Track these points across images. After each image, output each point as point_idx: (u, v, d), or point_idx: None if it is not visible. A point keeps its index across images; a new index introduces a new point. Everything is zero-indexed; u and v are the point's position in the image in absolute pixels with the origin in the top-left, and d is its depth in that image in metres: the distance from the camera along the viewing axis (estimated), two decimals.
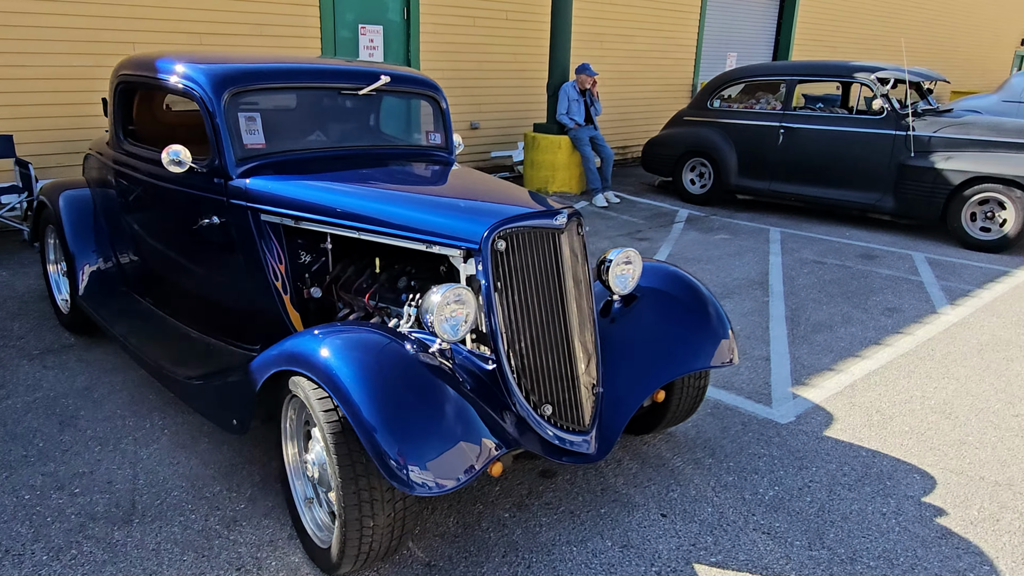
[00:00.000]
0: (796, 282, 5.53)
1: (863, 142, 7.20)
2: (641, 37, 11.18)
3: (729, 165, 8.13)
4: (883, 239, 6.98)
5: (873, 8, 16.33)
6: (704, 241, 6.77)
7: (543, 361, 2.39)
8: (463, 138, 9.26)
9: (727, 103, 8.40)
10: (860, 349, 4.20)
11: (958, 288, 5.42)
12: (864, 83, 7.21)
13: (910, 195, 6.91)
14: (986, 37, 22.26)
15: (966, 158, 6.58)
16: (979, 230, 6.60)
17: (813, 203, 7.64)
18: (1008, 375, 3.87)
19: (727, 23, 12.95)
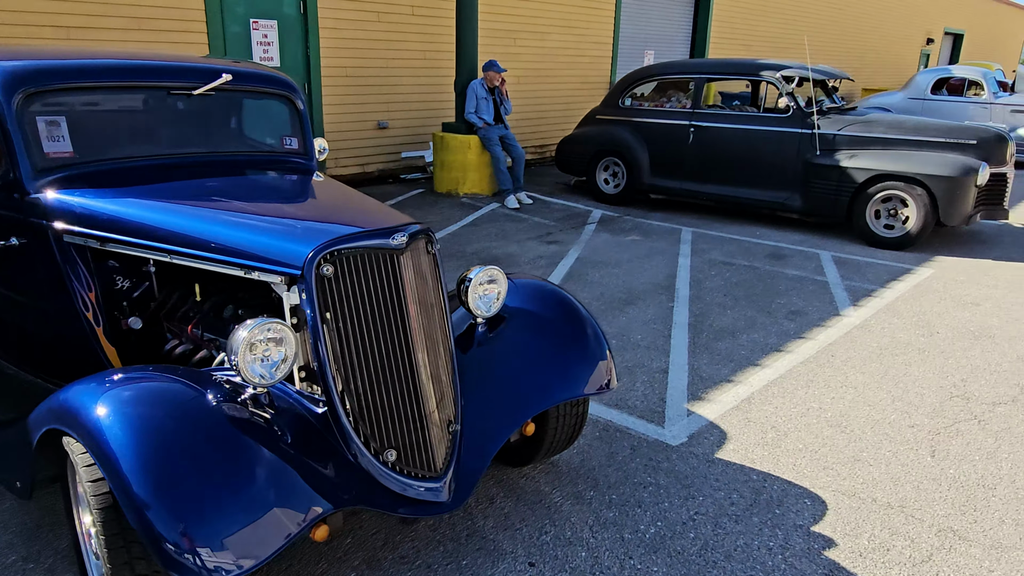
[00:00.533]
0: (703, 285, 5.38)
1: (771, 141, 7.15)
2: (555, 34, 10.98)
3: (641, 164, 7.98)
4: (793, 238, 6.94)
5: (787, 7, 16.61)
6: (615, 243, 6.58)
7: (385, 400, 2.08)
8: (371, 137, 8.87)
9: (638, 101, 8.26)
10: (761, 357, 4.04)
11: (861, 288, 5.37)
12: (770, 81, 7.16)
13: (817, 193, 6.89)
14: (895, 37, 23.04)
15: (869, 156, 6.58)
16: (883, 228, 6.61)
17: (725, 202, 7.57)
18: (906, 381, 3.76)
19: (643, 20, 12.89)
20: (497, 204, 8.03)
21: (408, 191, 8.61)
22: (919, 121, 6.76)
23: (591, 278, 5.50)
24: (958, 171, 6.14)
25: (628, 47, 12.68)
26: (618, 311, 4.77)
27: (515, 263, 5.85)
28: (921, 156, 6.37)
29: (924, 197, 6.29)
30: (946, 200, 6.20)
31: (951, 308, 4.96)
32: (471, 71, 8.04)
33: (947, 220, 6.26)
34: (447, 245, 6.35)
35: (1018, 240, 7.00)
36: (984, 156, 6.41)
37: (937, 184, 6.20)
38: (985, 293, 5.30)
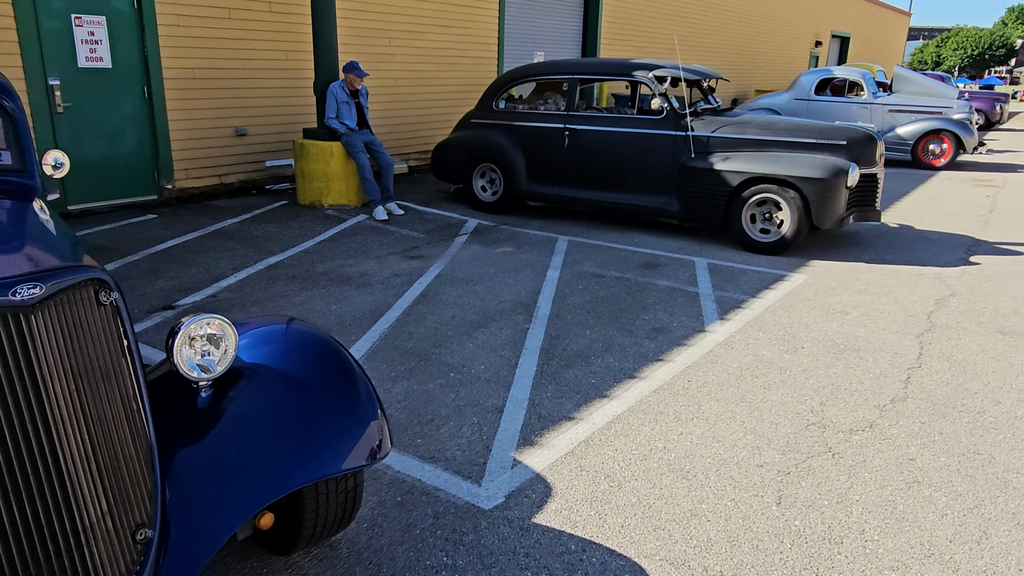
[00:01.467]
0: (567, 301, 4.97)
1: (645, 144, 6.85)
2: (433, 34, 10.47)
3: (518, 171, 7.56)
4: (670, 244, 6.65)
5: (677, 8, 16.65)
6: (484, 256, 6.11)
7: (13, 511, 1.51)
8: (229, 145, 8.12)
9: (512, 104, 7.84)
10: (611, 386, 3.64)
11: (732, 299, 5.08)
12: (642, 81, 6.86)
13: (693, 198, 6.62)
14: (785, 39, 23.66)
15: (742, 158, 6.35)
16: (759, 232, 6.40)
17: (603, 208, 7.23)
18: (762, 408, 3.42)
19: (530, 20, 12.55)
20: (365, 216, 7.45)
21: (270, 203, 7.92)
22: (791, 122, 6.59)
23: (447, 297, 5.00)
24: (828, 173, 5.98)
25: (515, 48, 12.31)
26: (466, 337, 4.28)
27: (367, 282, 5.30)
28: (792, 158, 6.19)
29: (797, 200, 6.10)
30: (818, 203, 6.02)
31: (819, 318, 4.71)
32: (331, 72, 7.43)
33: (820, 223, 6.08)
34: (296, 264, 5.73)
35: (891, 241, 6.93)
36: (854, 157, 6.28)
37: (808, 186, 6.01)
38: (855, 300, 5.10)
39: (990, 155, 14.41)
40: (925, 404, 3.48)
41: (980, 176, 11.50)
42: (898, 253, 6.44)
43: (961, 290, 5.36)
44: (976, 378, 3.80)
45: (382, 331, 4.35)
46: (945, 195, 9.61)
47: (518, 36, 12.31)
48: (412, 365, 3.86)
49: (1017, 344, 4.29)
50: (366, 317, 4.59)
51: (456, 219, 7.53)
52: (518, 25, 12.25)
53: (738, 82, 20.81)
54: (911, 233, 7.26)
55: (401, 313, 4.68)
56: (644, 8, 15.39)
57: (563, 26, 13.51)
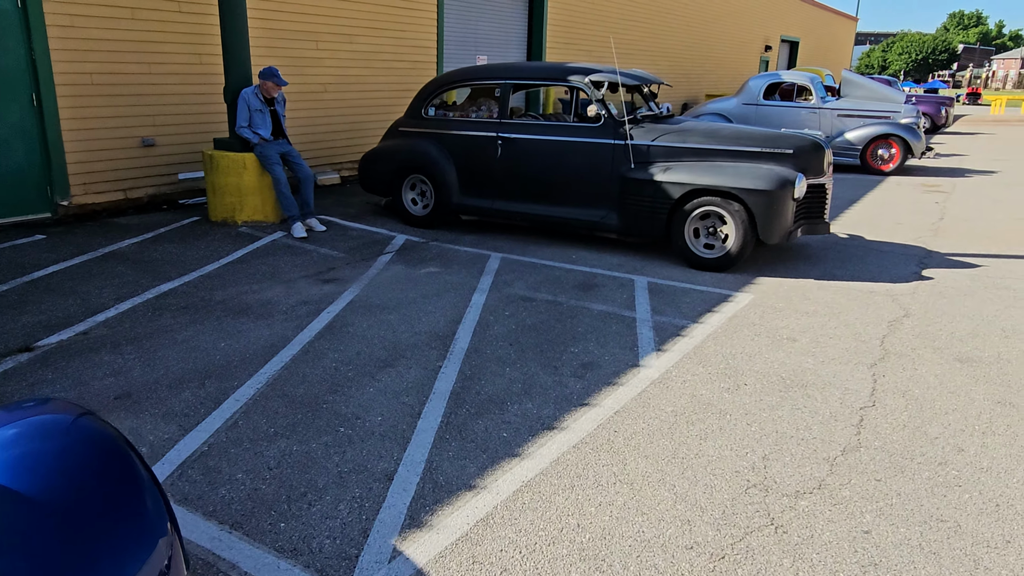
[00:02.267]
0: (489, 331, 4.46)
1: (583, 153, 6.39)
2: (366, 36, 9.90)
3: (449, 183, 7.05)
4: (610, 261, 6.20)
5: (625, 11, 16.34)
6: (406, 278, 5.58)
7: None
8: (135, 157, 7.44)
9: (443, 111, 7.32)
10: (525, 441, 3.14)
11: (671, 325, 4.63)
12: (578, 87, 6.41)
13: (633, 211, 6.19)
14: (736, 43, 23.62)
15: (683, 169, 5.94)
16: (703, 247, 5.99)
17: (540, 223, 6.75)
18: (696, 466, 2.96)
19: (472, 22, 12.06)
20: (283, 233, 6.85)
21: (180, 220, 7.26)
22: (735, 129, 6.21)
23: (355, 329, 4.45)
24: (774, 184, 5.59)
25: (456, 51, 11.80)
26: (368, 379, 3.75)
27: (268, 312, 4.72)
28: (736, 168, 5.79)
29: (742, 213, 5.70)
30: (763, 216, 5.63)
31: (765, 347, 4.28)
32: (243, 77, 6.82)
33: (766, 238, 5.69)
34: (192, 291, 5.12)
35: (842, 254, 6.59)
36: (801, 166, 5.91)
37: (753, 199, 5.62)
38: (803, 324, 4.70)
39: (938, 159, 14.37)
40: (880, 455, 3.05)
41: (929, 181, 11.36)
42: (848, 268, 6.08)
43: (915, 310, 5.00)
44: (935, 418, 3.39)
45: (271, 374, 3.79)
46: (895, 201, 9.38)
47: (459, 39, 11.81)
48: (297, 418, 3.31)
49: (976, 374, 3.92)
50: (257, 356, 4.02)
51: (383, 235, 6.98)
52: (458, 27, 11.75)
53: (688, 87, 20.64)
54: (861, 245, 6.94)
55: (299, 350, 4.12)
56: (591, 11, 15.03)
57: (507, 29, 13.05)
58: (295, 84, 9.03)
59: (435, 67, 11.19)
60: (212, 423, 3.25)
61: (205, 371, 3.82)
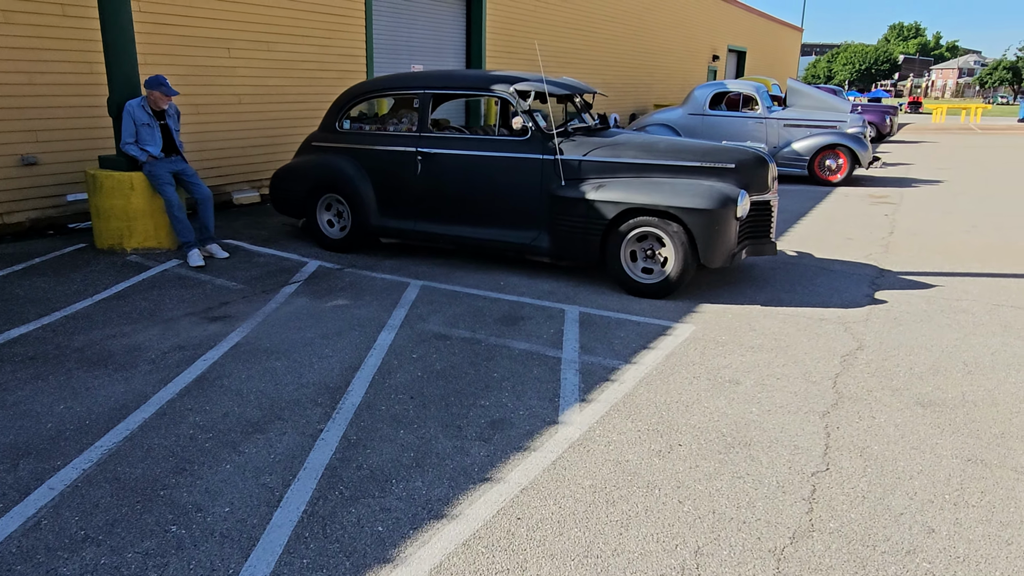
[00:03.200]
0: (390, 380, 3.84)
1: (509, 169, 5.82)
2: (287, 44, 9.21)
3: (367, 202, 6.40)
4: (541, 288, 5.63)
5: (569, 19, 15.91)
6: (309, 313, 4.92)
7: None
8: (14, 177, 6.62)
9: (359, 123, 6.68)
10: (404, 537, 2.52)
11: (600, 367, 4.06)
12: (501, 96, 5.84)
13: (565, 232, 5.63)
14: (683, 53, 23.45)
15: (618, 186, 5.40)
16: (641, 272, 5.45)
17: (465, 246, 6.14)
18: (612, 568, 2.37)
19: (404, 29, 11.45)
20: (178, 262, 6.12)
21: (63, 247, 6.46)
22: (673, 143, 5.70)
23: (231, 382, 3.78)
24: (714, 202, 5.08)
25: (388, 60, 11.17)
26: (229, 450, 3.08)
27: (132, 362, 4.01)
28: (674, 185, 5.27)
29: (681, 234, 5.18)
30: (704, 237, 5.12)
31: (705, 392, 3.74)
32: (129, 88, 6.08)
33: (708, 261, 5.18)
34: (49, 335, 4.38)
35: (790, 275, 6.13)
36: (744, 182, 5.43)
37: (692, 219, 5.11)
38: (748, 361, 4.17)
39: (884, 168, 14.23)
40: (836, 541, 2.51)
41: (877, 192, 11.10)
42: (797, 291, 5.62)
43: (869, 340, 4.53)
44: (899, 485, 2.87)
45: (108, 448, 3.09)
46: (843, 215, 9.04)
47: (390, 46, 11.18)
48: (121, 513, 2.63)
49: (940, 422, 3.43)
50: (98, 422, 3.32)
51: (293, 262, 6.30)
52: (390, 35, 11.12)
53: (637, 96, 20.34)
54: (811, 264, 6.50)
55: (153, 413, 3.43)
56: (533, 18, 14.55)
57: (444, 36, 12.47)
58: (205, 95, 8.29)
59: (364, 76, 10.54)
60: (6, 525, 2.55)
61: (25, 446, 3.10)
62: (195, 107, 8.21)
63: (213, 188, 8.52)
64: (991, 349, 4.39)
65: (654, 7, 20.69)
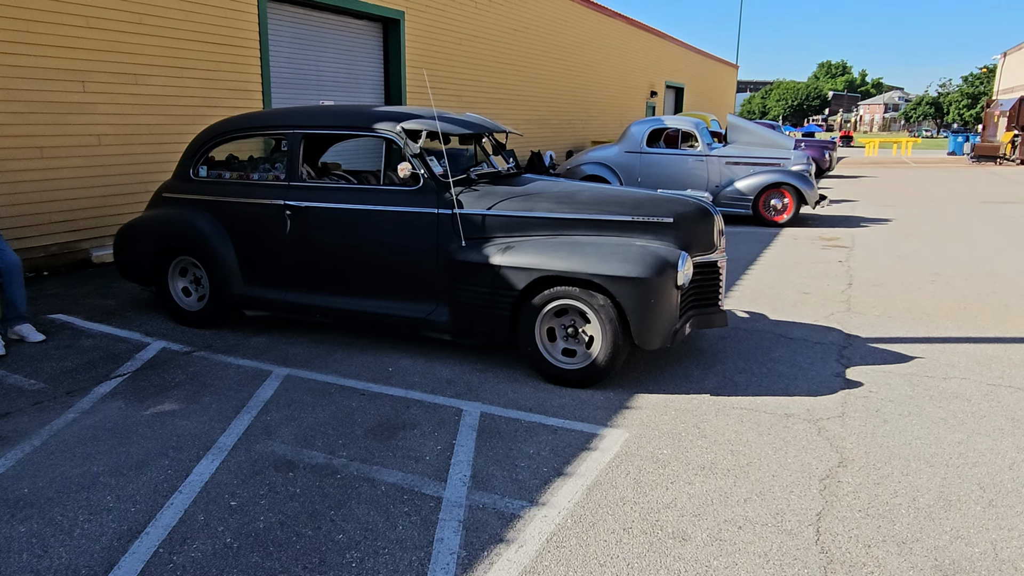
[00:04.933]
0: (184, 553, 2.59)
1: (397, 226, 4.68)
2: (161, 77, 7.95)
3: (227, 266, 5.16)
4: (439, 376, 4.46)
5: (497, 54, 15.02)
6: (114, 429, 3.63)
7: None
8: None
9: (218, 170, 5.46)
10: None
11: (494, 516, 2.89)
12: (387, 137, 4.72)
13: (467, 305, 4.49)
14: (620, 89, 22.92)
15: (529, 247, 4.30)
16: (562, 355, 4.34)
17: (350, 321, 4.94)
18: None
19: (310, 63, 10.30)
20: None
21: None
22: (599, 192, 4.66)
23: None
24: (648, 268, 4.02)
25: (291, 95, 9.99)
26: None
27: None
28: (598, 247, 4.20)
29: (609, 308, 4.09)
30: (637, 313, 4.04)
31: (636, 562, 2.60)
32: None
33: (643, 341, 4.10)
34: None
35: (743, 347, 5.11)
36: (685, 240, 4.40)
37: (622, 289, 4.02)
38: (699, 495, 3.07)
39: (830, 206, 13.61)
40: None
41: (826, 233, 10.34)
42: (754, 371, 4.57)
43: (851, 450, 3.48)
44: None
45: None
46: (795, 261, 8.16)
47: (294, 80, 10.01)
48: None
49: None
50: None
51: (131, 343, 4.99)
52: (291, 68, 9.96)
53: (574, 133, 19.58)
54: (766, 329, 5.51)
55: None
56: (457, 51, 13.59)
57: (359, 70, 11.37)
58: (53, 135, 6.96)
59: None
60: None
61: None
62: (38, 149, 6.86)
63: (64, 244, 7.15)
64: (1007, 461, 3.39)
65: (590, 43, 20.10)
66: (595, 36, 20.45)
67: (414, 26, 12.14)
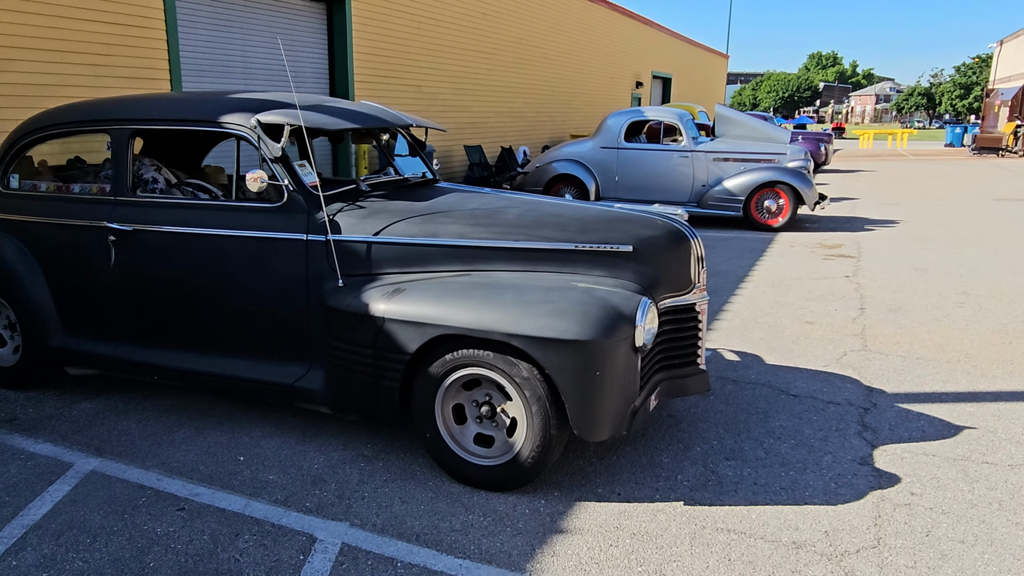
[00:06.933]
0: None
1: (256, 257, 3.37)
2: (30, 63, 6.60)
3: (41, 309, 3.85)
4: (308, 467, 3.18)
5: (465, 41, 13.67)
6: None
7: None
8: None
9: (33, 179, 4.13)
10: None
11: None
12: (238, 134, 3.40)
13: (344, 369, 3.19)
14: (604, 80, 21.60)
15: (426, 292, 3.00)
16: (474, 442, 3.05)
17: (198, 385, 3.63)
18: None
19: (236, 47, 8.94)
20: None
21: None
22: (533, 208, 3.36)
23: None
24: (591, 326, 2.72)
25: (212, 85, 8.64)
26: None
27: None
28: (520, 292, 2.90)
29: (536, 383, 2.80)
30: (575, 392, 2.75)
31: None
32: None
33: (585, 432, 2.81)
34: None
35: (730, 413, 3.84)
36: (649, 277, 3.11)
37: (552, 357, 2.73)
38: None
39: (831, 205, 12.35)
40: None
41: (828, 239, 9.08)
42: (747, 456, 3.30)
43: None
44: None
45: None
46: (794, 276, 6.90)
47: (214, 69, 8.66)
48: None
49: None
50: None
51: None
52: (211, 54, 8.61)
53: (553, 127, 18.26)
54: (762, 381, 4.23)
55: None
56: (416, 37, 12.24)
57: (297, 58, 10.02)
58: None
59: None
60: None
61: None
62: None
63: None
64: None
65: (570, 30, 18.76)
66: (576, 22, 19.12)
67: (363, 7, 10.79)
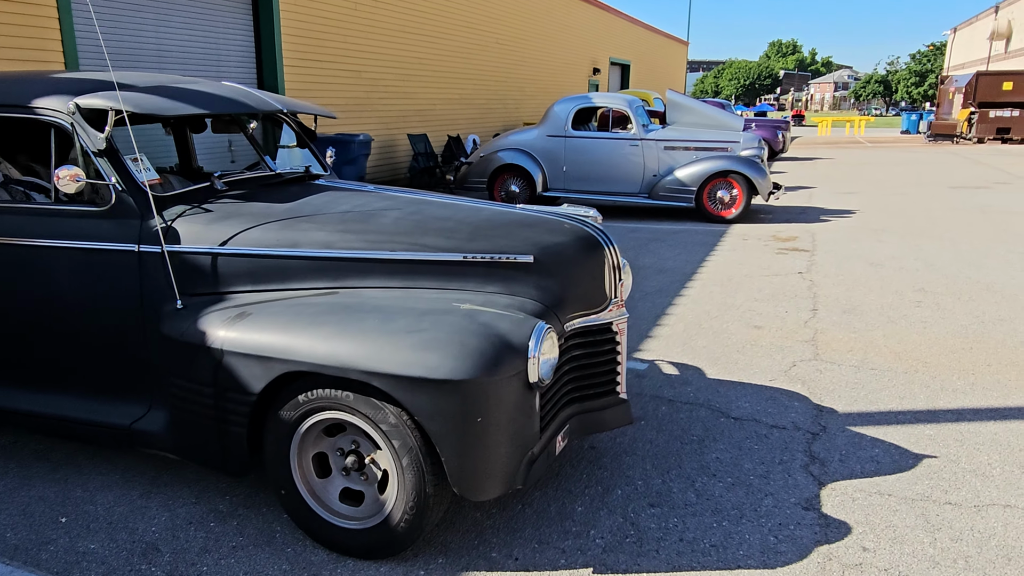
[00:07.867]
0: None
1: (80, 272, 2.76)
2: None
3: None
4: (143, 528, 2.60)
5: (407, 24, 12.98)
6: None
7: None
8: None
9: None
10: None
11: None
12: (53, 121, 2.78)
13: (184, 408, 2.60)
14: (559, 66, 21.05)
15: (275, 316, 2.43)
16: (340, 499, 2.49)
17: (21, 425, 3.01)
18: None
19: (146, 31, 8.18)
20: None
21: None
22: (418, 211, 2.80)
23: None
24: (468, 361, 2.17)
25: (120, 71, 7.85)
26: None
27: None
28: (387, 317, 2.34)
29: (406, 431, 2.25)
30: (451, 442, 2.20)
31: None
32: None
33: (466, 490, 2.27)
34: None
35: (659, 444, 3.35)
36: (554, 294, 2.57)
37: (421, 401, 2.18)
38: None
39: (786, 194, 12.00)
40: None
41: (782, 232, 8.68)
42: (675, 502, 2.79)
43: None
44: None
45: None
46: (744, 273, 6.45)
47: (120, 55, 7.90)
48: None
49: None
50: None
51: None
52: (116, 37, 7.84)
53: (506, 114, 17.67)
54: (700, 400, 3.74)
55: None
56: (353, 19, 11.53)
57: (219, 42, 9.27)
58: None
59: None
60: None
61: None
62: None
63: None
64: None
65: (524, 14, 18.15)
66: (530, 6, 18.51)
67: None
